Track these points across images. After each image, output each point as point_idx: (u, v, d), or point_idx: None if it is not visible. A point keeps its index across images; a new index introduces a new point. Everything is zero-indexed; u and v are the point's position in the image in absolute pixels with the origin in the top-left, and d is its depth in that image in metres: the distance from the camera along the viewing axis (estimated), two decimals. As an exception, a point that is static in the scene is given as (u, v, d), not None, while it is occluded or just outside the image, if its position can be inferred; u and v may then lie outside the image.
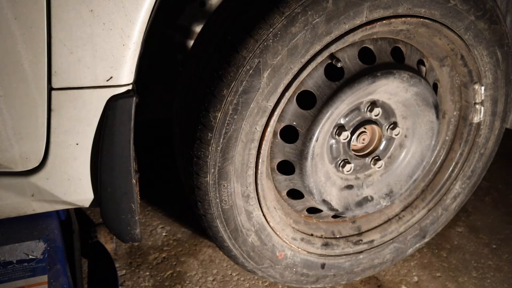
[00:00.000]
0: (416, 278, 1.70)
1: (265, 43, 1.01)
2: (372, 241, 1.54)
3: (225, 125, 1.08)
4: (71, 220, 1.46)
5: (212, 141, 1.09)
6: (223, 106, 1.05)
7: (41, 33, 0.87)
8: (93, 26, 0.88)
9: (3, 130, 0.96)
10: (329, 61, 1.18)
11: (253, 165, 1.18)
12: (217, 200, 1.18)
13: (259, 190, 1.24)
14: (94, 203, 1.14)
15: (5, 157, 1.00)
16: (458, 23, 1.23)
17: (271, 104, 1.10)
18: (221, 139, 1.09)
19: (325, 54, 1.10)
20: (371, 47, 1.23)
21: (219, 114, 1.06)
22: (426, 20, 1.17)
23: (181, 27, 1.67)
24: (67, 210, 1.45)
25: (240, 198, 1.21)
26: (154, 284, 1.57)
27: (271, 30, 1.01)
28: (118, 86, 0.97)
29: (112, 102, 0.98)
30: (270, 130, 1.14)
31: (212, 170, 1.13)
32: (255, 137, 1.13)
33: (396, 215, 1.59)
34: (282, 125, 1.22)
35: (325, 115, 1.18)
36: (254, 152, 1.16)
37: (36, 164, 1.03)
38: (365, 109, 1.31)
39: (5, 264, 1.10)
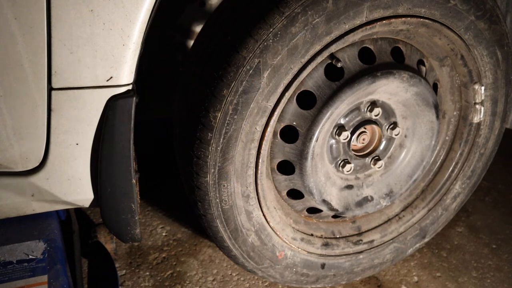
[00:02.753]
0: (416, 278, 1.70)
1: (265, 43, 1.01)
2: (372, 241, 1.54)
3: (225, 125, 1.08)
4: (71, 220, 1.46)
5: (212, 141, 1.09)
6: (223, 106, 1.06)
7: (41, 33, 0.87)
8: (93, 26, 0.88)
9: (3, 130, 0.96)
10: (329, 61, 1.18)
11: (253, 165, 1.18)
12: (217, 200, 1.18)
13: (259, 190, 1.24)
14: (94, 203, 1.14)
15: (5, 157, 1.00)
16: (458, 23, 1.23)
17: (271, 104, 1.10)
18: (221, 139, 1.09)
19: (325, 54, 1.10)
20: (371, 47, 1.23)
21: (219, 114, 1.06)
22: (426, 20, 1.17)
23: (181, 27, 1.67)
24: (67, 210, 1.45)
25: (240, 198, 1.21)
26: (154, 284, 1.57)
27: (271, 30, 1.01)
28: (118, 86, 0.97)
29: (112, 102, 0.98)
30: (270, 130, 1.14)
31: (212, 170, 1.13)
32: (255, 137, 1.13)
33: (396, 215, 1.59)
34: (282, 125, 1.22)
35: (325, 115, 1.18)
36: (254, 152, 1.16)
37: (36, 164, 1.03)
38: (365, 109, 1.30)
39: (5, 264, 1.10)
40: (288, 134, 1.24)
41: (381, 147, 1.42)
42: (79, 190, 1.09)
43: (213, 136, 1.09)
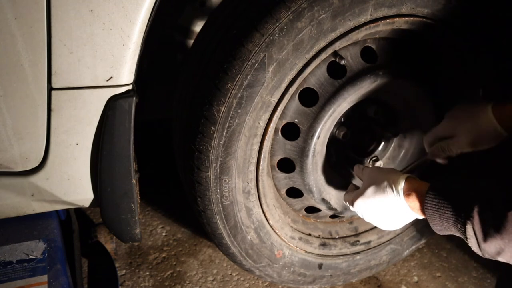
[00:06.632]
0: (416, 278, 1.70)
1: (271, 37, 1.01)
2: (369, 242, 1.54)
3: (229, 119, 1.07)
4: (71, 220, 1.46)
5: (214, 135, 1.09)
6: (227, 99, 1.05)
7: (41, 33, 0.87)
8: (93, 26, 0.88)
9: (3, 130, 0.96)
10: (332, 59, 1.17)
11: (254, 160, 1.17)
12: (218, 196, 1.18)
13: (260, 187, 1.23)
14: (94, 203, 1.14)
15: (5, 157, 1.00)
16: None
17: (275, 99, 1.09)
18: (224, 133, 1.09)
19: (329, 51, 1.10)
20: (373, 46, 1.23)
21: (223, 108, 1.06)
22: (429, 21, 1.18)
23: (181, 27, 1.66)
24: (67, 210, 1.45)
25: (241, 194, 1.20)
26: (154, 284, 1.57)
27: (277, 24, 1.00)
28: (118, 86, 0.97)
29: (112, 102, 0.98)
30: (272, 125, 1.14)
31: (214, 165, 1.13)
32: (258, 132, 1.13)
33: (395, 215, 1.59)
34: (284, 122, 1.22)
35: (327, 113, 1.18)
36: (256, 147, 1.15)
37: (36, 164, 1.03)
38: (366, 109, 1.31)
39: (5, 264, 1.10)
40: (289, 131, 1.24)
41: (380, 147, 1.42)
42: (79, 190, 1.09)
43: (216, 130, 1.08)
